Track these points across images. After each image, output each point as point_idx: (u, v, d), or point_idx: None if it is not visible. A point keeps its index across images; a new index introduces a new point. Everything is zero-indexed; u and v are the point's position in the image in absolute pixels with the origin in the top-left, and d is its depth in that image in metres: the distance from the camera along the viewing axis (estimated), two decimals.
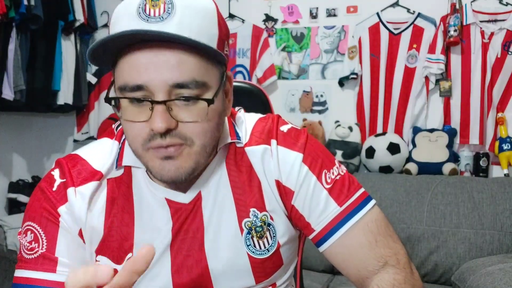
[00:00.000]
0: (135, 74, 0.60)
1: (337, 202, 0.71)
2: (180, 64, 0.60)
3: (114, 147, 0.74)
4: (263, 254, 0.73)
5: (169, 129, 0.61)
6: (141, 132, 0.62)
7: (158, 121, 0.59)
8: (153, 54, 0.59)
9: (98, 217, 0.71)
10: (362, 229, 0.71)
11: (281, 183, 0.72)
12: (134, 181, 0.73)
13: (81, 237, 0.71)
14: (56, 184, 0.71)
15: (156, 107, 0.60)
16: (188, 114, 0.62)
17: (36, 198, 0.72)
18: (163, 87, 0.59)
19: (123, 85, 0.61)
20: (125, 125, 0.64)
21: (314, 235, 0.73)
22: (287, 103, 2.68)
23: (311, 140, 0.75)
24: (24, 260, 0.70)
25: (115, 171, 0.73)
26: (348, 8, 2.55)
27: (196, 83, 0.61)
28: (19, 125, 2.98)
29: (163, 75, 0.59)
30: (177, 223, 0.71)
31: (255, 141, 0.74)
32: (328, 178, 0.72)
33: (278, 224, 0.74)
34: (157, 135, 0.61)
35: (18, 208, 2.78)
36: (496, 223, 1.89)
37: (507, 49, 2.22)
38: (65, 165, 0.72)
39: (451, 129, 2.33)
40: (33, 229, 0.70)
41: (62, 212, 0.70)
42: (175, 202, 0.71)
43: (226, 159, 0.74)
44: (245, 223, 0.72)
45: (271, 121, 0.76)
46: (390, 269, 0.70)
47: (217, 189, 0.72)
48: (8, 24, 2.35)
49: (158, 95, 0.60)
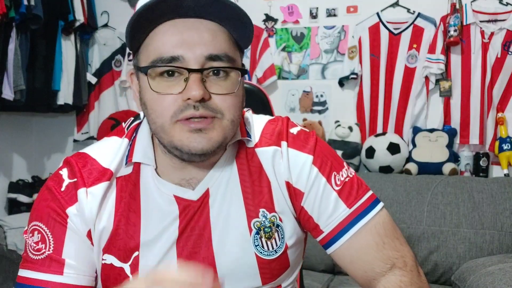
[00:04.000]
0: (170, 45, 0.63)
1: (346, 204, 0.72)
2: (214, 37, 0.64)
3: (124, 145, 0.74)
4: (271, 255, 0.73)
5: (203, 99, 0.63)
6: (172, 105, 0.64)
7: (195, 89, 0.62)
8: (187, 28, 0.63)
9: (108, 217, 0.71)
10: (370, 231, 0.71)
11: (291, 184, 0.73)
12: (142, 180, 0.73)
13: (90, 238, 0.71)
14: (65, 184, 0.71)
15: (192, 76, 0.62)
16: (220, 88, 0.65)
17: (43, 198, 0.71)
18: (198, 58, 0.63)
19: (157, 58, 0.64)
20: (154, 99, 0.65)
21: (322, 236, 0.73)
22: (287, 103, 2.68)
23: (320, 143, 0.76)
24: (30, 260, 0.69)
25: (124, 169, 0.73)
26: (348, 8, 2.55)
27: (228, 57, 0.65)
28: (19, 125, 2.99)
29: (198, 47, 0.63)
30: (184, 220, 0.71)
31: (266, 142, 0.74)
32: (337, 180, 0.73)
33: (287, 226, 0.74)
34: (190, 106, 0.63)
35: (18, 208, 2.78)
36: (496, 223, 1.89)
37: (507, 49, 2.23)
38: (75, 165, 0.72)
39: (451, 129, 2.34)
40: (40, 229, 0.70)
41: (70, 213, 0.69)
42: (183, 199, 0.71)
43: (237, 158, 0.74)
44: (254, 223, 0.72)
45: (281, 123, 0.77)
46: (397, 271, 0.71)
47: (227, 187, 0.72)
48: (8, 24, 2.35)
49: (193, 66, 0.63)
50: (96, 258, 0.72)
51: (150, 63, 0.64)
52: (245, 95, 0.72)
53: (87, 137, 2.98)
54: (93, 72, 2.96)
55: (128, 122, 0.78)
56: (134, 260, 0.70)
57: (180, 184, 0.72)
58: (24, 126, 3.04)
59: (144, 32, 0.65)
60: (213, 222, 0.72)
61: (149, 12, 0.61)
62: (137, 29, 0.64)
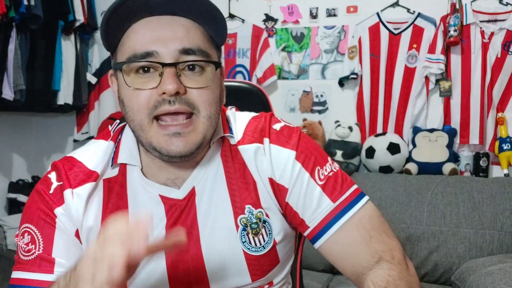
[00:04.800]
0: (144, 42, 0.64)
1: (330, 198, 0.72)
2: (187, 32, 0.65)
3: (110, 147, 0.75)
4: (259, 251, 0.73)
5: (178, 93, 0.63)
6: (148, 100, 0.64)
7: (170, 82, 0.62)
8: (160, 25, 0.64)
9: (95, 217, 0.71)
10: (356, 225, 0.71)
11: (275, 180, 0.73)
12: (128, 180, 0.73)
13: (78, 237, 0.72)
14: (53, 187, 0.72)
15: (167, 70, 0.63)
16: (195, 82, 0.65)
17: (33, 201, 0.72)
18: (172, 52, 0.63)
19: (132, 55, 0.64)
20: (130, 96, 0.66)
21: (308, 231, 0.73)
22: (287, 103, 2.68)
23: (304, 138, 0.76)
24: (21, 261, 0.70)
25: (110, 170, 0.74)
26: (348, 8, 2.55)
27: (202, 52, 0.65)
28: (19, 125, 2.98)
29: (171, 42, 0.64)
30: (171, 219, 0.71)
31: (248, 140, 0.74)
32: (321, 174, 0.73)
33: (274, 221, 0.74)
34: (165, 101, 0.63)
35: (18, 208, 2.78)
36: (496, 223, 1.89)
37: (507, 49, 2.22)
38: (62, 168, 0.73)
39: (451, 129, 2.33)
40: (30, 230, 0.70)
41: (58, 213, 0.70)
42: (169, 199, 0.72)
43: (221, 155, 0.74)
44: (241, 220, 0.72)
45: (264, 120, 0.77)
46: (384, 264, 0.71)
47: (213, 184, 0.73)
48: (8, 24, 2.35)
49: (167, 61, 0.63)
50: None
51: (125, 60, 0.65)
52: (224, 91, 0.73)
53: (87, 137, 2.98)
54: (93, 72, 2.96)
55: (114, 125, 0.79)
56: None
57: (166, 183, 0.72)
58: (24, 126, 3.04)
59: (120, 31, 0.66)
60: (200, 220, 0.72)
61: (120, 11, 0.62)
62: (111, 28, 0.65)
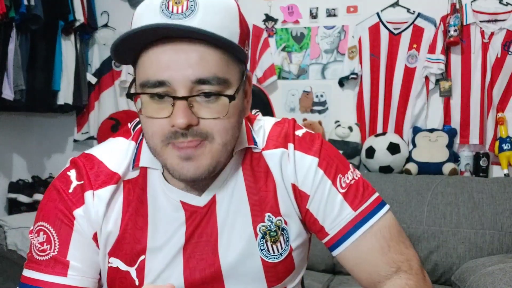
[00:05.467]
0: (157, 70, 0.60)
1: (351, 206, 0.72)
2: (202, 60, 0.60)
3: (131, 147, 0.74)
4: (276, 258, 0.73)
5: (190, 125, 0.61)
6: (162, 128, 0.62)
7: (180, 117, 0.60)
8: (175, 50, 0.60)
9: (115, 221, 0.70)
10: (375, 234, 0.71)
11: (297, 187, 0.73)
12: (149, 184, 0.72)
13: (95, 241, 0.71)
14: (73, 186, 0.70)
15: (178, 103, 0.60)
16: (209, 111, 0.62)
17: (51, 198, 0.71)
18: (185, 83, 0.60)
19: (144, 81, 0.62)
20: (145, 121, 0.64)
21: (327, 239, 0.73)
22: (287, 103, 2.68)
23: (326, 145, 0.76)
24: (35, 261, 0.69)
25: (131, 172, 0.72)
26: (348, 8, 2.55)
27: (217, 79, 0.61)
28: (19, 125, 2.98)
29: (185, 71, 0.60)
30: (191, 226, 0.71)
31: (273, 145, 0.74)
32: (343, 182, 0.73)
33: (292, 228, 0.74)
34: (178, 133, 0.61)
35: (18, 208, 2.78)
36: (496, 223, 1.89)
37: (507, 49, 2.23)
38: (82, 167, 0.71)
39: (451, 129, 2.33)
40: (46, 230, 0.69)
41: (77, 215, 0.69)
42: (190, 205, 0.71)
43: (242, 164, 0.74)
44: (260, 228, 0.72)
45: (288, 125, 0.77)
46: (402, 274, 0.71)
47: (233, 193, 0.72)
48: (8, 24, 2.35)
49: (180, 91, 0.60)
50: (101, 261, 0.71)
51: (139, 84, 0.63)
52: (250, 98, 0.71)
53: (87, 137, 2.99)
54: (93, 72, 2.96)
55: (134, 123, 0.78)
56: (140, 264, 0.70)
57: (186, 189, 0.71)
58: (24, 126, 3.04)
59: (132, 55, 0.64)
60: (220, 228, 0.71)
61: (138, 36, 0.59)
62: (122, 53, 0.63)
